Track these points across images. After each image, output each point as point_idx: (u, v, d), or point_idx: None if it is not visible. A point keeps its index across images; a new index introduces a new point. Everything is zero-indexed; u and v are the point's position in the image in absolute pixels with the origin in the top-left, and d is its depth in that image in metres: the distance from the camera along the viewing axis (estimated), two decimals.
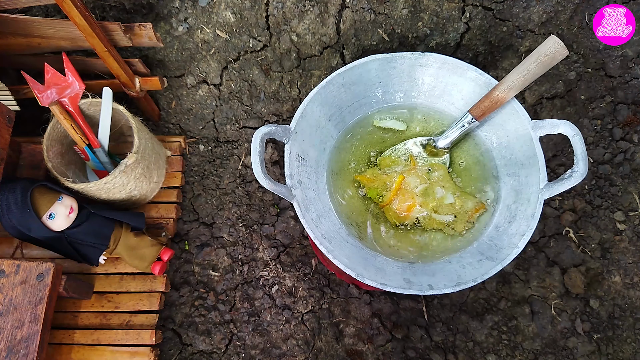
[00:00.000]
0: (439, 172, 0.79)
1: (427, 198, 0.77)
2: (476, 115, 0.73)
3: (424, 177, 0.79)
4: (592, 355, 0.96)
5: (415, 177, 0.78)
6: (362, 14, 1.00)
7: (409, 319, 1.00)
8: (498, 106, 0.70)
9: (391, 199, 0.77)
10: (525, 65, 0.64)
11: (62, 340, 0.92)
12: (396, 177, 0.78)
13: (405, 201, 0.77)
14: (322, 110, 0.79)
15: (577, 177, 0.65)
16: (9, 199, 0.82)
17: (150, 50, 1.07)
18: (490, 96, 0.70)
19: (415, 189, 0.77)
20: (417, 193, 0.77)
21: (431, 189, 0.78)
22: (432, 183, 0.78)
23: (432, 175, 0.79)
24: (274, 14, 1.01)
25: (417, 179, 0.78)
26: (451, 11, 1.00)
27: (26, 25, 0.86)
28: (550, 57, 0.66)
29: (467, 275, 0.69)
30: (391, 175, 0.79)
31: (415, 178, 0.78)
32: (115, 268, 0.97)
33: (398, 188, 0.77)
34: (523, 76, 0.65)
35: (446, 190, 0.77)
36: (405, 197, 0.77)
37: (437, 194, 0.77)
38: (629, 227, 1.02)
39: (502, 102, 0.69)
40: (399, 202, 0.77)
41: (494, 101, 0.70)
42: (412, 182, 0.78)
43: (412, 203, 0.77)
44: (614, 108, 1.07)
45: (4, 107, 0.82)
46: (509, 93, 0.68)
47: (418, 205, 0.76)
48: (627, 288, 0.99)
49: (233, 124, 1.12)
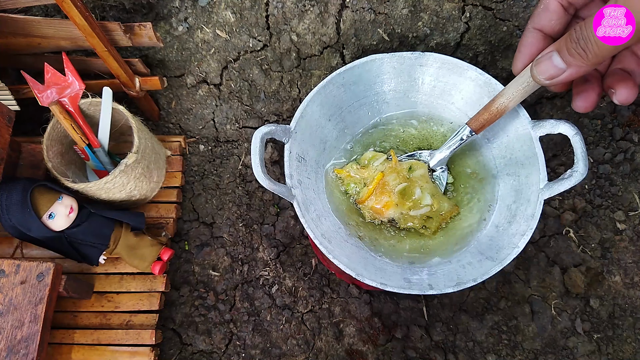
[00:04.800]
0: (420, 171, 0.77)
1: (405, 197, 0.75)
2: (475, 129, 0.71)
3: (404, 175, 0.76)
4: (592, 355, 0.96)
5: (395, 175, 0.76)
6: (362, 14, 1.00)
7: (409, 319, 1.00)
8: (497, 118, 0.69)
9: (368, 196, 0.76)
10: (525, 77, 0.62)
11: (62, 340, 0.92)
12: (375, 173, 0.76)
13: (382, 200, 0.75)
14: (322, 110, 0.79)
15: (577, 176, 0.65)
16: (8, 198, 0.82)
17: (150, 50, 1.07)
18: (489, 109, 0.68)
19: (394, 189, 0.75)
20: (395, 192, 0.75)
21: (410, 189, 0.75)
22: (412, 182, 0.76)
23: (413, 174, 0.77)
24: (274, 14, 1.01)
25: (397, 177, 0.75)
26: (451, 11, 1.00)
27: (26, 25, 0.86)
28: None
29: (467, 275, 0.69)
30: (370, 171, 0.77)
31: (395, 177, 0.75)
32: (115, 268, 0.97)
33: (376, 186, 0.75)
34: (523, 88, 0.62)
35: (424, 191, 0.76)
36: (382, 195, 0.75)
37: (415, 194, 0.75)
38: (629, 226, 1.02)
39: (502, 113, 0.67)
40: (376, 200, 0.75)
41: (494, 114, 0.68)
42: (392, 181, 0.75)
43: (389, 201, 0.74)
44: (614, 108, 1.07)
45: (4, 107, 0.82)
46: (509, 105, 0.66)
47: (394, 206, 0.75)
48: (628, 288, 0.99)
49: (233, 123, 1.12)
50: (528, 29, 0.60)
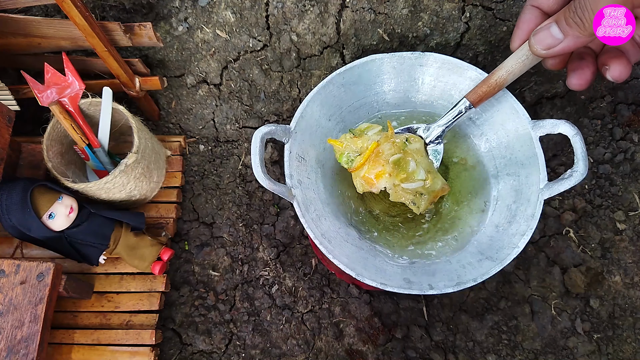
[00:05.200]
0: (416, 145, 0.74)
1: (398, 169, 0.71)
2: (473, 101, 0.70)
3: (399, 146, 0.72)
4: (592, 355, 0.96)
5: (391, 145, 0.71)
6: (362, 14, 1.00)
7: (409, 319, 1.00)
8: (496, 91, 0.68)
9: (361, 165, 0.72)
10: (524, 51, 0.61)
11: (62, 340, 0.92)
12: (370, 142, 0.73)
13: (375, 168, 0.71)
14: (322, 110, 0.79)
15: (577, 176, 0.65)
16: (8, 198, 0.82)
17: (150, 50, 1.07)
18: (488, 81, 0.68)
19: (388, 158, 0.71)
20: (390, 162, 0.70)
21: (404, 161, 0.72)
22: (407, 154, 0.72)
23: (408, 147, 0.73)
24: (274, 14, 1.01)
25: (392, 147, 0.71)
26: (451, 11, 1.00)
27: (26, 25, 0.86)
28: None
29: (467, 275, 0.69)
30: (365, 140, 0.74)
31: (391, 146, 0.71)
32: (115, 268, 0.97)
33: (370, 154, 0.71)
34: (522, 61, 0.62)
35: (418, 165, 0.72)
36: (376, 164, 0.71)
37: (409, 166, 0.72)
38: (629, 226, 1.02)
39: (501, 86, 0.67)
40: (369, 168, 0.71)
41: (492, 86, 0.67)
42: (387, 150, 0.71)
43: (382, 171, 0.70)
44: (614, 108, 1.07)
45: (4, 106, 0.82)
46: (508, 78, 0.66)
47: (387, 175, 0.70)
48: (628, 288, 0.99)
49: (233, 123, 1.12)
50: (527, 6, 0.61)
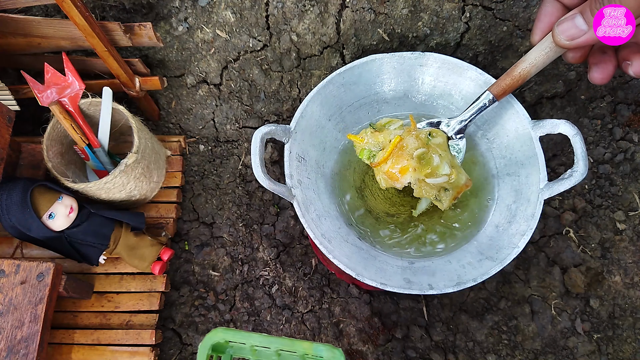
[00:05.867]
0: (439, 139, 0.72)
1: (423, 163, 0.69)
2: (496, 94, 0.68)
3: (423, 140, 0.70)
4: (592, 355, 0.96)
5: (415, 139, 0.69)
6: (362, 14, 1.00)
7: (409, 319, 1.00)
8: (519, 84, 0.66)
9: (385, 159, 0.70)
10: (547, 43, 0.60)
11: (62, 340, 0.92)
12: (392, 136, 0.71)
13: (400, 163, 0.69)
14: (322, 110, 0.79)
15: (577, 176, 0.65)
16: (8, 198, 0.82)
17: (150, 50, 1.07)
18: (511, 74, 0.66)
19: (413, 152, 0.69)
20: (414, 157, 0.68)
21: (428, 155, 0.70)
22: (430, 149, 0.70)
23: (432, 141, 0.71)
24: (274, 14, 1.01)
25: (415, 141, 0.69)
26: (451, 11, 1.00)
27: (26, 25, 0.86)
28: None
29: (467, 275, 0.69)
30: (387, 135, 0.72)
31: (414, 140, 0.69)
32: (115, 268, 0.97)
33: (394, 147, 0.69)
34: (545, 53, 0.61)
35: (442, 160, 0.70)
36: (400, 158, 0.69)
37: (433, 161, 0.70)
38: (629, 226, 1.02)
39: (524, 79, 0.66)
40: (392, 163, 0.69)
41: (516, 79, 0.66)
42: (410, 144, 0.69)
43: (407, 165, 0.68)
44: (614, 108, 1.07)
45: (4, 106, 0.82)
46: (531, 70, 0.65)
47: (412, 169, 0.68)
48: (628, 288, 0.99)
49: (233, 123, 1.12)
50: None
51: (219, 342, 0.36)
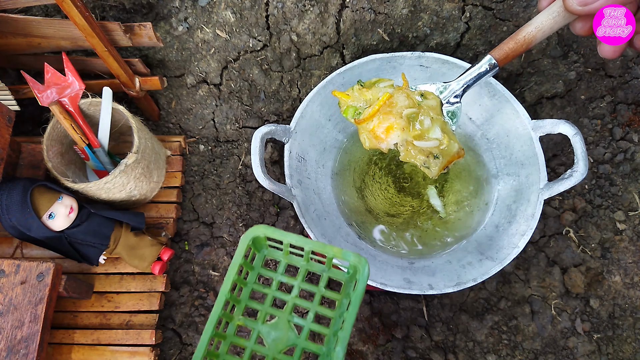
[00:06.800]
0: (432, 102, 0.66)
1: (412, 125, 0.64)
2: (498, 59, 0.64)
3: (415, 100, 0.65)
4: (592, 355, 0.96)
5: (405, 97, 0.64)
6: (362, 14, 1.00)
7: (409, 319, 1.00)
8: (524, 50, 0.62)
9: (372, 115, 0.64)
10: (555, 7, 0.57)
11: (62, 340, 0.92)
12: (381, 94, 0.65)
13: (387, 121, 0.63)
14: (322, 110, 0.79)
15: (577, 176, 0.65)
16: (8, 198, 0.82)
17: (150, 50, 1.07)
18: (515, 37, 0.62)
19: (402, 111, 0.63)
20: (403, 115, 0.63)
21: (418, 116, 0.64)
22: (422, 110, 0.65)
23: (424, 102, 0.66)
24: (273, 14, 1.01)
25: (406, 99, 0.64)
26: (451, 11, 1.00)
27: (26, 25, 0.86)
28: None
29: (467, 275, 0.69)
30: (375, 92, 0.66)
31: (405, 98, 0.64)
32: (115, 268, 0.97)
33: (382, 105, 0.64)
34: (553, 18, 0.57)
35: (434, 123, 0.64)
36: (387, 116, 0.63)
37: (424, 123, 0.64)
38: (629, 226, 1.02)
39: (529, 44, 0.61)
40: (379, 121, 0.64)
41: (520, 43, 0.61)
42: (400, 102, 0.64)
43: (394, 124, 0.63)
44: (614, 108, 1.07)
45: (4, 106, 0.82)
46: (537, 35, 0.60)
47: (400, 129, 0.63)
48: (628, 288, 0.99)
49: (233, 123, 1.12)
50: None
51: (258, 237, 0.37)
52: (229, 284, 0.35)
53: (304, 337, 0.36)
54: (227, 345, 0.36)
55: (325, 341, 0.36)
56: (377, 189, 0.83)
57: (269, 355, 0.35)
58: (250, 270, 0.38)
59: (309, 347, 0.36)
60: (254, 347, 0.36)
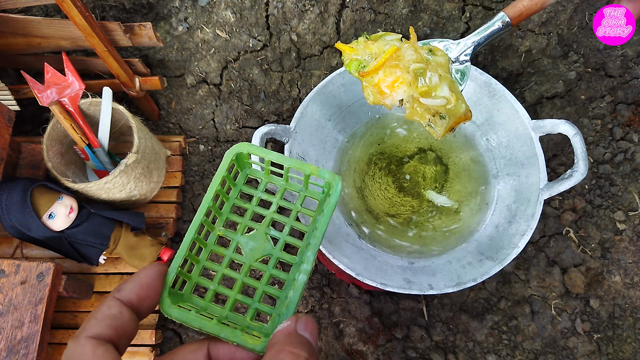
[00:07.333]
0: (440, 59, 0.63)
1: (419, 80, 0.61)
2: (512, 17, 0.60)
3: (422, 56, 0.61)
4: (592, 355, 0.96)
5: (413, 51, 0.60)
6: (362, 14, 1.00)
7: (409, 319, 1.00)
8: (538, 9, 0.59)
9: (377, 68, 0.61)
10: None
11: (62, 340, 0.92)
12: (387, 47, 0.62)
13: (393, 74, 0.60)
14: (322, 110, 0.79)
15: (577, 176, 0.65)
16: (8, 198, 0.82)
17: (150, 50, 1.07)
18: None
19: (409, 65, 0.60)
20: (410, 70, 0.60)
21: (426, 72, 0.61)
22: (430, 66, 0.61)
23: (432, 59, 0.62)
24: (273, 14, 1.01)
25: (414, 53, 0.60)
26: (451, 11, 1.00)
27: (26, 25, 0.86)
28: None
29: (467, 275, 0.69)
30: (381, 44, 0.63)
31: (413, 52, 0.60)
32: (115, 268, 0.97)
33: (388, 58, 0.60)
34: None
35: (442, 80, 0.61)
36: (393, 69, 0.60)
37: (432, 80, 0.61)
38: (629, 226, 1.02)
39: (543, 4, 0.59)
40: (384, 75, 0.60)
41: (535, 1, 0.59)
42: (407, 55, 0.60)
43: (400, 78, 0.60)
44: (614, 108, 1.07)
45: (3, 106, 0.82)
46: None
47: (406, 84, 0.60)
48: (628, 288, 0.99)
49: (233, 123, 1.12)
50: None
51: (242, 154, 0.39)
52: (212, 193, 0.37)
53: (279, 248, 0.38)
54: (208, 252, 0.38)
55: (299, 253, 0.38)
56: (377, 189, 0.83)
57: (246, 264, 0.38)
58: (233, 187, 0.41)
59: (283, 256, 0.38)
60: (232, 256, 0.38)
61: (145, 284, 0.32)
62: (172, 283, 0.35)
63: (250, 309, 0.36)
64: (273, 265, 0.38)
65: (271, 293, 0.37)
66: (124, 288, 0.31)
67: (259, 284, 0.37)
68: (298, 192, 0.41)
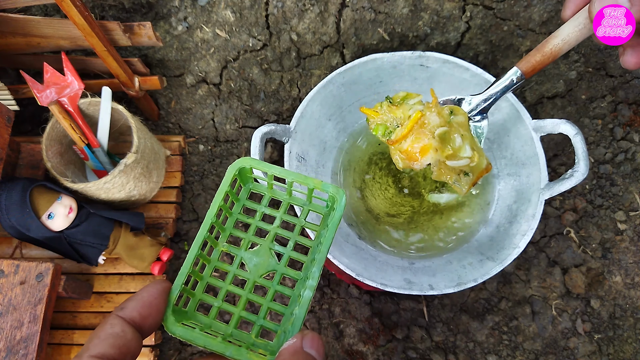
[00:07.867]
0: (460, 118, 0.65)
1: (444, 144, 0.62)
2: (525, 71, 0.63)
3: (445, 118, 0.63)
4: (592, 356, 0.96)
5: (437, 115, 0.62)
6: (362, 13, 1.00)
7: (410, 319, 1.00)
8: (550, 61, 0.61)
9: (405, 136, 0.62)
10: (581, 19, 0.56)
11: (61, 341, 0.92)
12: (412, 112, 0.63)
13: (420, 141, 0.61)
14: (322, 109, 0.78)
15: (578, 176, 0.65)
16: (8, 198, 0.82)
17: (149, 50, 1.07)
18: (542, 49, 0.60)
19: (434, 130, 0.61)
20: (435, 135, 0.61)
21: (450, 135, 0.63)
22: (452, 128, 0.63)
23: (453, 119, 0.64)
24: (273, 13, 1.01)
25: (438, 118, 0.62)
26: (452, 10, 1.00)
27: (25, 24, 0.85)
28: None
29: (468, 275, 0.69)
30: (405, 109, 0.64)
31: (437, 117, 0.62)
32: (114, 268, 0.97)
33: (415, 123, 0.62)
34: (579, 30, 0.56)
35: (464, 140, 0.63)
36: (420, 136, 0.61)
37: (455, 142, 0.63)
38: (630, 227, 1.01)
39: (555, 56, 0.61)
40: (412, 142, 0.62)
41: (547, 55, 0.60)
42: (432, 121, 0.61)
43: (428, 145, 0.61)
44: (615, 107, 1.07)
45: (3, 106, 0.82)
46: (563, 47, 0.59)
47: (434, 150, 0.61)
48: (628, 288, 0.99)
49: (233, 123, 1.11)
50: None
51: (244, 168, 0.39)
52: (215, 208, 0.37)
53: (283, 264, 0.38)
54: (212, 268, 0.38)
55: (304, 268, 0.38)
56: (377, 189, 0.83)
57: (250, 279, 0.37)
58: (236, 202, 0.40)
59: (287, 272, 0.37)
60: (236, 272, 0.38)
61: (148, 302, 0.32)
62: (175, 300, 0.34)
63: (255, 325, 0.36)
64: (278, 281, 0.37)
65: (276, 310, 0.36)
66: (126, 306, 0.31)
67: (264, 300, 0.37)
68: (302, 206, 0.41)
